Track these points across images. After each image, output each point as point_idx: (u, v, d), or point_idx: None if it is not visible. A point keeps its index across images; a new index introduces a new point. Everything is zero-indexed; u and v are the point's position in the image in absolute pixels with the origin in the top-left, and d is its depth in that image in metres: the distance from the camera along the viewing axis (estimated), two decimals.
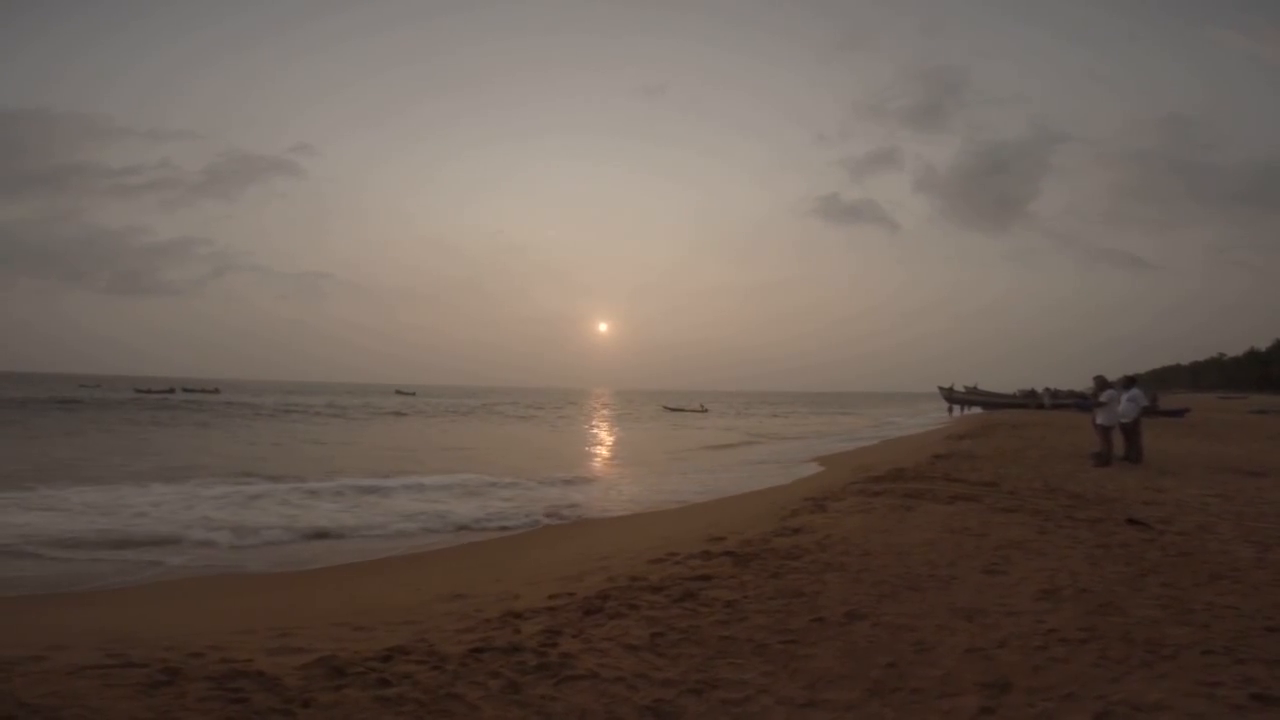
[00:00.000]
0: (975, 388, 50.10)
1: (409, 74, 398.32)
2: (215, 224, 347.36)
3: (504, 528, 9.20)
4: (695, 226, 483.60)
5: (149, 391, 63.17)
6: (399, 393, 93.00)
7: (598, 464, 18.48)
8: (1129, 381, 12.82)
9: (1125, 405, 12.22)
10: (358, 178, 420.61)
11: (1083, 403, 31.34)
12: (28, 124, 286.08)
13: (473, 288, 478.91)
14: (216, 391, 68.95)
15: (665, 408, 60.45)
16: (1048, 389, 46.42)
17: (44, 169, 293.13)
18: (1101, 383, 12.84)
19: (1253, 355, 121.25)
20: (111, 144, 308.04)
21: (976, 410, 45.18)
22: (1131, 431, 12.18)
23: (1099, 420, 12.24)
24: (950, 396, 49.94)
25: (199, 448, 20.50)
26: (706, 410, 55.90)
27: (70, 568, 6.80)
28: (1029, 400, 45.44)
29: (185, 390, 67.75)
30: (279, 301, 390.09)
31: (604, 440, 28.06)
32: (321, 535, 8.52)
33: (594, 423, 40.64)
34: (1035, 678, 3.20)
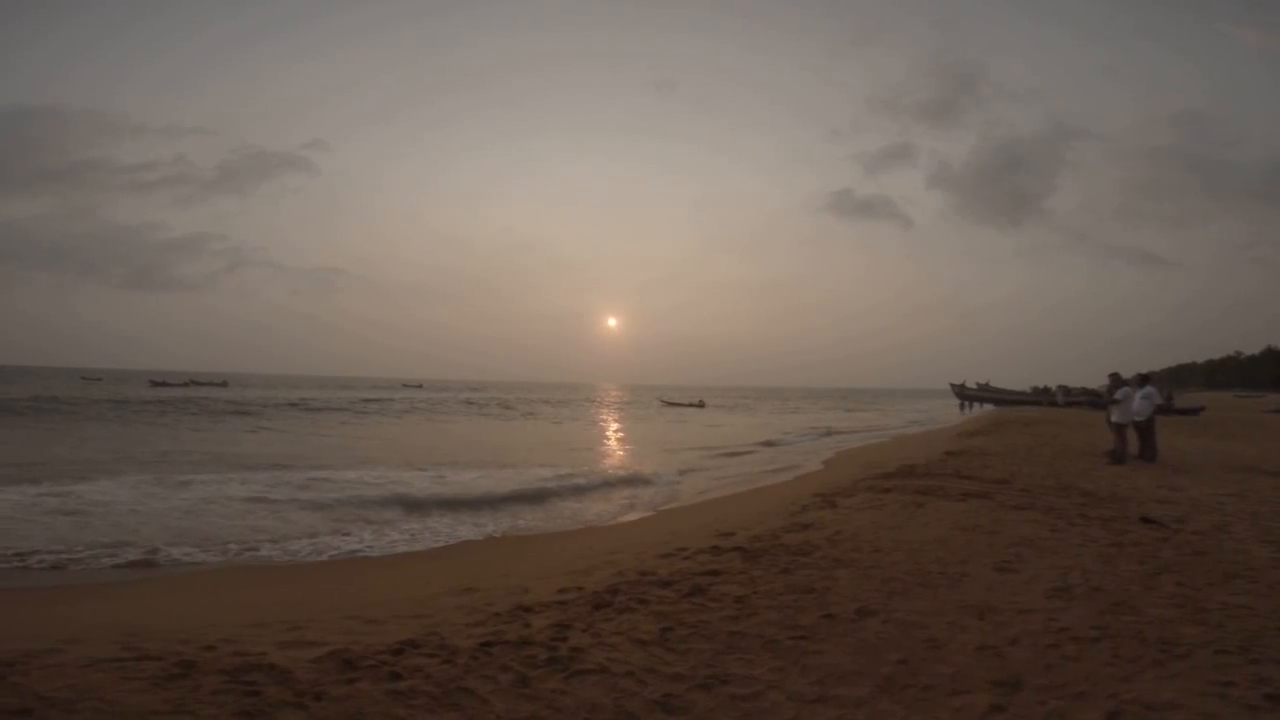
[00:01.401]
0: (988, 384, 49.77)
1: (421, 70, 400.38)
2: (229, 220, 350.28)
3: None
4: (706, 222, 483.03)
5: (165, 384, 64.69)
6: (405, 386, 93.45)
7: (682, 458, 18.48)
8: (1143, 379, 12.69)
9: (1139, 403, 12.10)
10: (370, 173, 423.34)
11: (1096, 400, 31.19)
12: (42, 120, 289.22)
13: (483, 283, 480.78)
14: (224, 384, 69.88)
15: (663, 401, 61.36)
16: (1061, 386, 46.09)
17: (59, 165, 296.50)
18: (1116, 380, 12.73)
19: (1270, 353, 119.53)
20: (126, 140, 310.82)
21: (988, 407, 44.91)
22: (1146, 430, 12.07)
23: (1114, 418, 12.14)
24: (963, 393, 49.67)
25: (292, 444, 20.79)
26: (704, 405, 56.55)
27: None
28: (1042, 398, 45.11)
29: (195, 383, 68.75)
30: (291, 297, 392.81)
31: (659, 437, 27.44)
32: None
33: (633, 420, 40.07)
34: (1047, 676, 3.18)
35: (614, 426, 33.91)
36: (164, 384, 65.10)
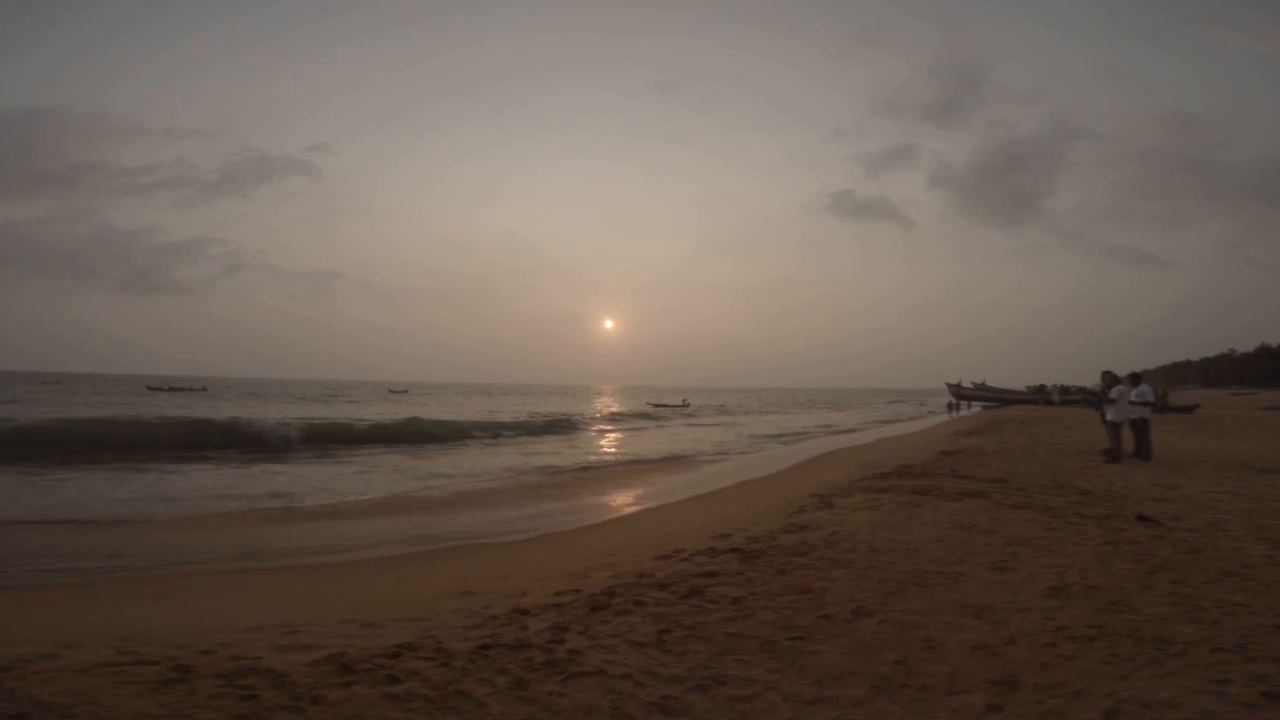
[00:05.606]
0: (984, 384, 49.85)
1: (423, 71, 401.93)
2: (228, 223, 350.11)
3: None
4: (706, 223, 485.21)
5: (162, 389, 65.15)
6: (392, 391, 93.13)
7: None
8: (1135, 378, 12.76)
9: (1133, 402, 12.17)
10: (371, 176, 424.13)
11: (1092, 399, 31.29)
12: (41, 122, 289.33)
13: (483, 285, 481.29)
14: (204, 390, 69.97)
15: (650, 403, 63.25)
16: (1057, 385, 46.23)
17: (57, 168, 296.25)
18: (1111, 379, 12.78)
19: (1264, 351, 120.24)
20: (126, 143, 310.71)
21: (976, 407, 45.01)
22: (1140, 428, 12.12)
23: (1109, 417, 12.19)
24: (958, 393, 49.69)
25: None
26: (688, 404, 59.22)
27: None
28: (1038, 397, 45.22)
29: (171, 389, 68.86)
30: (289, 300, 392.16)
31: (736, 438, 26.66)
32: None
33: (677, 423, 38.90)
34: (1044, 675, 3.19)
35: (706, 432, 31.39)
36: (159, 389, 65.57)
